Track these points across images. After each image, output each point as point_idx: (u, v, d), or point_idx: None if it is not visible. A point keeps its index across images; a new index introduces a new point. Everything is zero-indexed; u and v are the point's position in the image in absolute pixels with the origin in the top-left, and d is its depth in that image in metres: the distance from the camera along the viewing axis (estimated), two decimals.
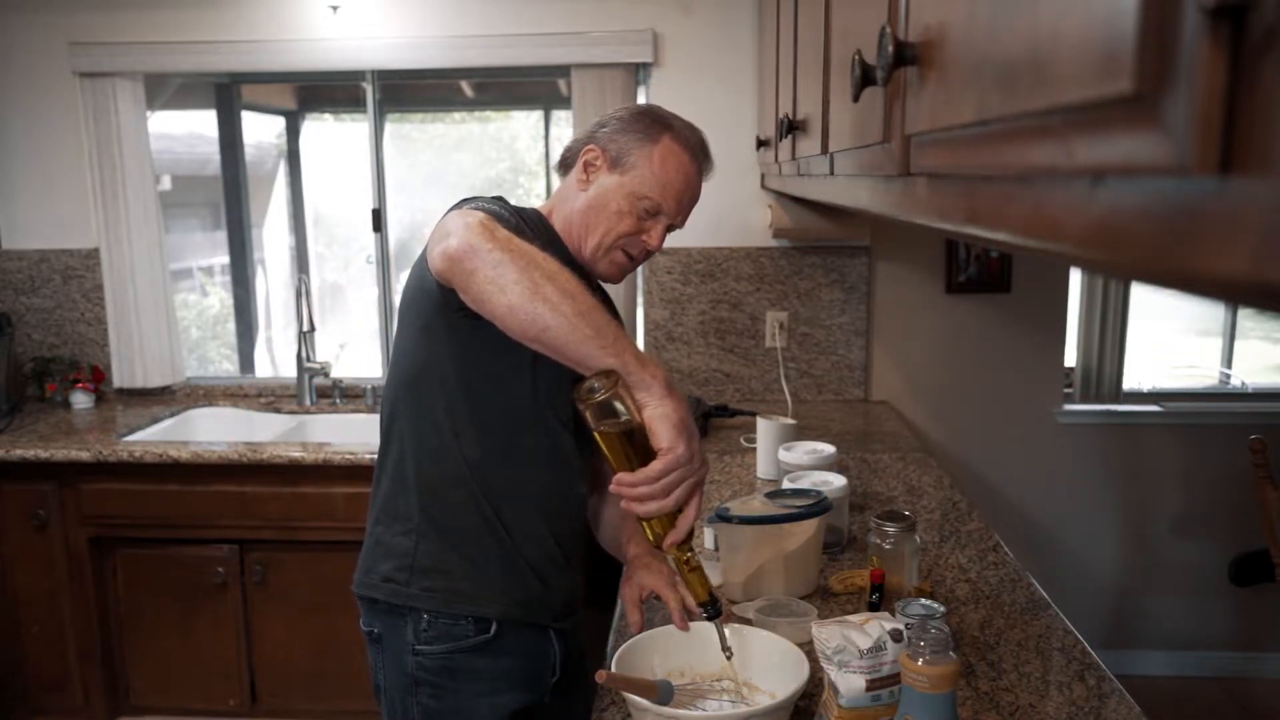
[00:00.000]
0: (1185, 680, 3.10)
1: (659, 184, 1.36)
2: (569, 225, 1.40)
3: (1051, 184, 0.50)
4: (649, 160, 1.36)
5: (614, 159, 1.37)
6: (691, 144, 1.40)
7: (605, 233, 1.37)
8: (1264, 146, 0.30)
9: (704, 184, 1.45)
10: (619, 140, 1.38)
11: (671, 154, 1.37)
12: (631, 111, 1.41)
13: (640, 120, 1.39)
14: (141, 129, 2.99)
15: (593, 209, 1.38)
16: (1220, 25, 0.32)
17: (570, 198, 1.41)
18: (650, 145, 1.37)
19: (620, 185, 1.37)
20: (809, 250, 2.95)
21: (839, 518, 1.76)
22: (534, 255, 1.11)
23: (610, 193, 1.37)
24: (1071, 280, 3.02)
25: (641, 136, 1.37)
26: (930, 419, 3.03)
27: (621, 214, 1.36)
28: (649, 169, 1.36)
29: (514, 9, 2.87)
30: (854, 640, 1.11)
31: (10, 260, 3.11)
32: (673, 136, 1.38)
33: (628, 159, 1.37)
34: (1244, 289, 0.32)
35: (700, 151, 1.42)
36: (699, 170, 1.42)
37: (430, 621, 1.34)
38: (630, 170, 1.37)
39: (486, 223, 1.14)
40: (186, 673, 2.73)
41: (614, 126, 1.39)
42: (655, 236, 1.39)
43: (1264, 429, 2.64)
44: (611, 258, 1.40)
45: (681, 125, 1.41)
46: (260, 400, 3.13)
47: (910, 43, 0.74)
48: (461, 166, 3.40)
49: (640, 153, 1.36)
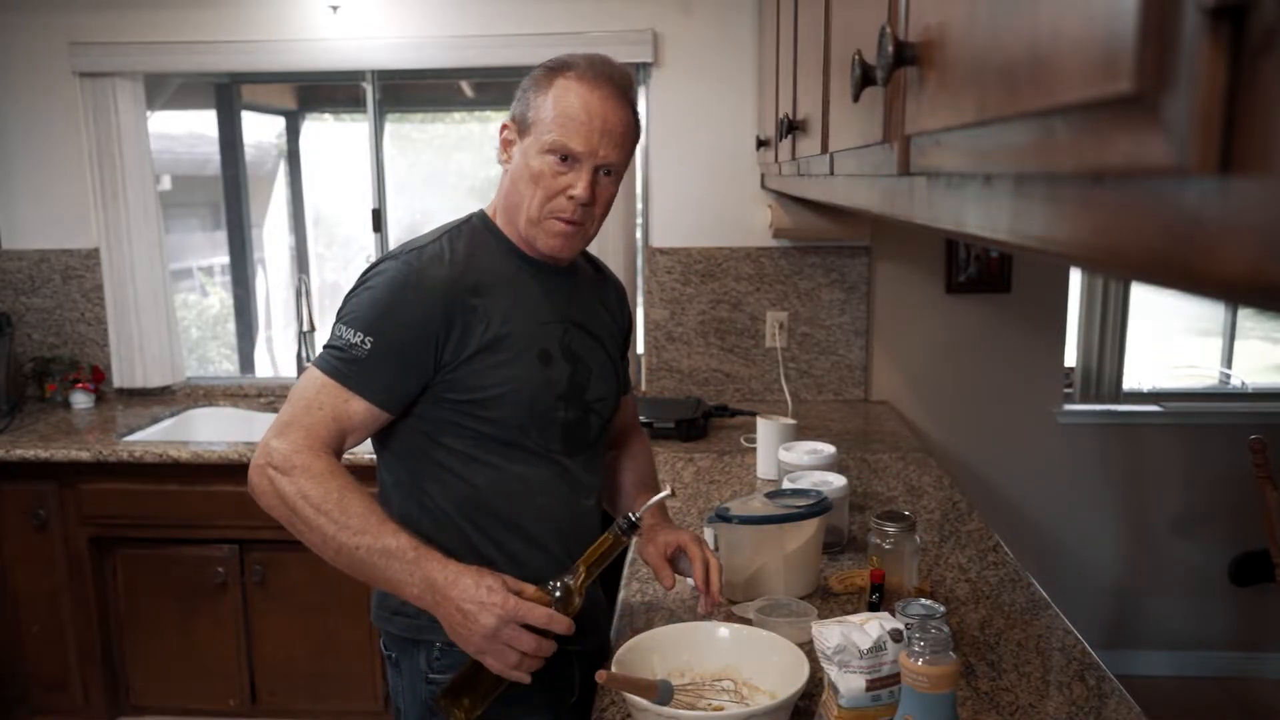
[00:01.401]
0: (1185, 680, 3.10)
1: (557, 124, 1.26)
2: (506, 214, 1.35)
3: (1051, 184, 0.50)
4: (543, 106, 1.27)
5: (520, 124, 1.30)
6: (590, 73, 1.28)
7: (529, 203, 1.29)
8: (1264, 146, 0.30)
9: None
10: (521, 103, 1.31)
11: (564, 90, 1.27)
12: (532, 73, 1.33)
13: (537, 74, 1.31)
14: (141, 129, 2.99)
15: (514, 184, 1.31)
16: (1220, 25, 0.32)
17: (502, 185, 1.36)
18: (544, 93, 1.28)
19: (528, 148, 1.28)
20: (809, 250, 2.95)
21: (839, 518, 1.76)
22: (302, 511, 1.19)
23: (522, 161, 1.29)
24: (1071, 280, 3.02)
25: (536, 89, 1.29)
26: (930, 419, 3.03)
27: (535, 176, 1.28)
28: (545, 115, 1.27)
29: (514, 9, 2.87)
30: (854, 640, 1.11)
31: (10, 260, 3.11)
32: (567, 74, 1.28)
33: (528, 116, 1.29)
34: (1244, 289, 0.32)
35: (603, 77, 1.28)
36: (607, 96, 1.27)
37: (443, 650, 1.32)
38: (530, 127, 1.28)
39: (265, 472, 1.21)
40: (186, 673, 2.73)
41: (518, 94, 1.33)
42: (580, 186, 1.27)
43: (1264, 429, 2.64)
44: (546, 228, 1.30)
45: (581, 59, 1.30)
46: (260, 400, 3.13)
47: (910, 43, 0.74)
48: (461, 166, 3.40)
49: (536, 104, 1.28)
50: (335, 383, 1.24)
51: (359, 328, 1.25)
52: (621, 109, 1.30)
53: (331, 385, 1.24)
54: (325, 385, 1.24)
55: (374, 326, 1.25)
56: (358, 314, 1.26)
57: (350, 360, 1.24)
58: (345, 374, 1.24)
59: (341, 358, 1.25)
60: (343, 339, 1.26)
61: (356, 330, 1.25)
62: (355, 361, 1.24)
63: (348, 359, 1.24)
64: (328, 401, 1.24)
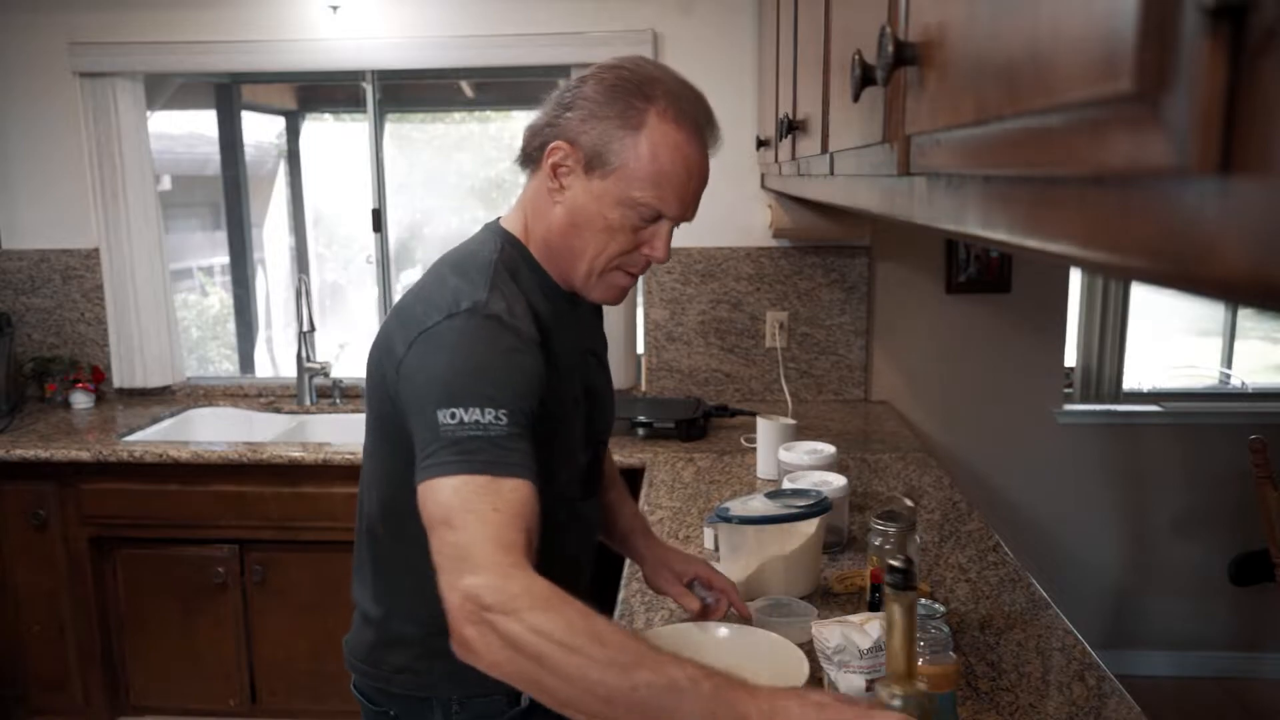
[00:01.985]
0: (1185, 680, 3.10)
1: (653, 182, 1.08)
2: (548, 250, 1.15)
3: (1051, 184, 0.50)
4: (635, 153, 1.07)
5: (589, 157, 1.09)
6: (687, 115, 1.10)
7: (595, 255, 1.12)
8: (1264, 146, 0.30)
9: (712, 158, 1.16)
10: (592, 130, 1.08)
11: (663, 138, 1.07)
12: (603, 85, 1.09)
13: (615, 97, 1.08)
14: (141, 129, 2.99)
15: (575, 227, 1.11)
16: (1220, 25, 0.32)
17: (544, 212, 1.14)
18: (634, 133, 1.07)
19: (604, 193, 1.09)
20: (809, 250, 2.95)
21: (839, 518, 1.76)
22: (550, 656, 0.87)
23: (593, 204, 1.10)
24: (1071, 280, 3.02)
25: (620, 122, 1.07)
26: (930, 419, 3.03)
27: (611, 230, 1.10)
28: (637, 165, 1.07)
29: (514, 9, 2.87)
30: (854, 640, 1.11)
31: (10, 260, 3.11)
32: (660, 113, 1.08)
33: (608, 156, 1.08)
34: (1244, 289, 0.32)
35: (700, 121, 1.12)
36: (702, 145, 1.12)
37: (462, 703, 1.20)
38: (613, 171, 1.08)
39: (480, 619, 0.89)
40: (186, 673, 2.73)
41: (583, 110, 1.09)
42: (659, 246, 1.13)
43: (1264, 429, 2.64)
44: (608, 281, 1.15)
45: (669, 91, 1.10)
46: (260, 400, 3.13)
47: (910, 42, 0.74)
48: (461, 166, 3.40)
49: (622, 145, 1.07)
50: (487, 476, 0.96)
51: (481, 403, 0.98)
52: (706, 154, 1.14)
53: (485, 482, 0.96)
54: (480, 485, 0.95)
55: (497, 396, 0.99)
56: (467, 387, 0.99)
57: (492, 442, 0.97)
58: (496, 461, 0.97)
59: (479, 443, 0.97)
60: (469, 421, 0.98)
61: (480, 407, 0.98)
62: (497, 442, 0.98)
63: (488, 441, 0.97)
64: (497, 502, 0.95)
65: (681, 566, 1.36)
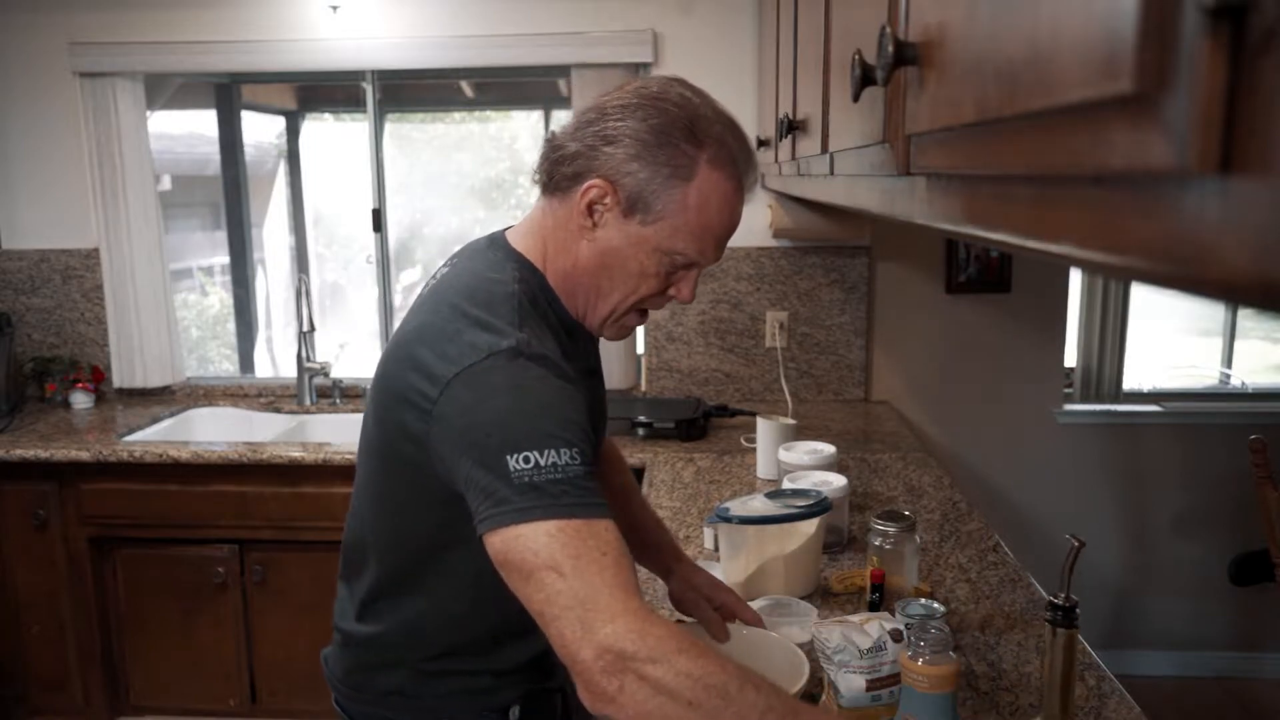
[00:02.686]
0: (1185, 680, 3.10)
1: (697, 234, 1.04)
2: (569, 284, 1.10)
3: (1051, 184, 0.50)
4: (683, 206, 1.02)
5: (631, 202, 1.03)
6: (733, 162, 1.04)
7: (623, 298, 1.08)
8: (1264, 146, 0.30)
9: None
10: (636, 175, 1.02)
11: (714, 190, 1.03)
12: (648, 124, 1.02)
13: (664, 141, 1.01)
14: (141, 129, 2.99)
15: (605, 269, 1.07)
16: (1220, 25, 0.32)
17: (569, 246, 1.08)
18: (683, 185, 1.02)
19: (642, 240, 1.04)
20: (809, 250, 2.95)
21: (839, 518, 1.76)
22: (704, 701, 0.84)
23: (628, 249, 1.05)
24: (1071, 280, 3.02)
25: (669, 172, 1.01)
26: (930, 419, 3.03)
27: (644, 275, 1.06)
28: (683, 217, 1.02)
29: (514, 9, 2.87)
30: (854, 640, 1.11)
31: (10, 260, 3.11)
32: (710, 161, 1.02)
33: (653, 204, 1.02)
34: (1244, 289, 0.32)
35: (744, 166, 1.06)
36: (743, 192, 1.07)
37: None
38: (656, 220, 1.03)
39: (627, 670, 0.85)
40: (186, 673, 2.73)
41: (627, 149, 1.02)
42: (686, 289, 1.09)
43: (1264, 429, 2.64)
44: (625, 322, 1.12)
45: (718, 136, 1.04)
46: (260, 400, 3.13)
47: (910, 42, 0.74)
48: (461, 166, 3.40)
49: (669, 196, 1.02)
50: (580, 520, 0.92)
51: (554, 444, 0.94)
52: (744, 199, 1.09)
53: (580, 525, 0.91)
54: (576, 529, 0.91)
55: (566, 436, 0.95)
56: (536, 429, 0.94)
57: (573, 483, 0.93)
58: (582, 503, 0.93)
59: (562, 486, 0.93)
60: (545, 465, 0.93)
61: (554, 449, 0.93)
62: (577, 483, 0.94)
63: (569, 483, 0.93)
64: (601, 545, 0.91)
65: (709, 591, 1.33)
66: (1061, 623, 1.01)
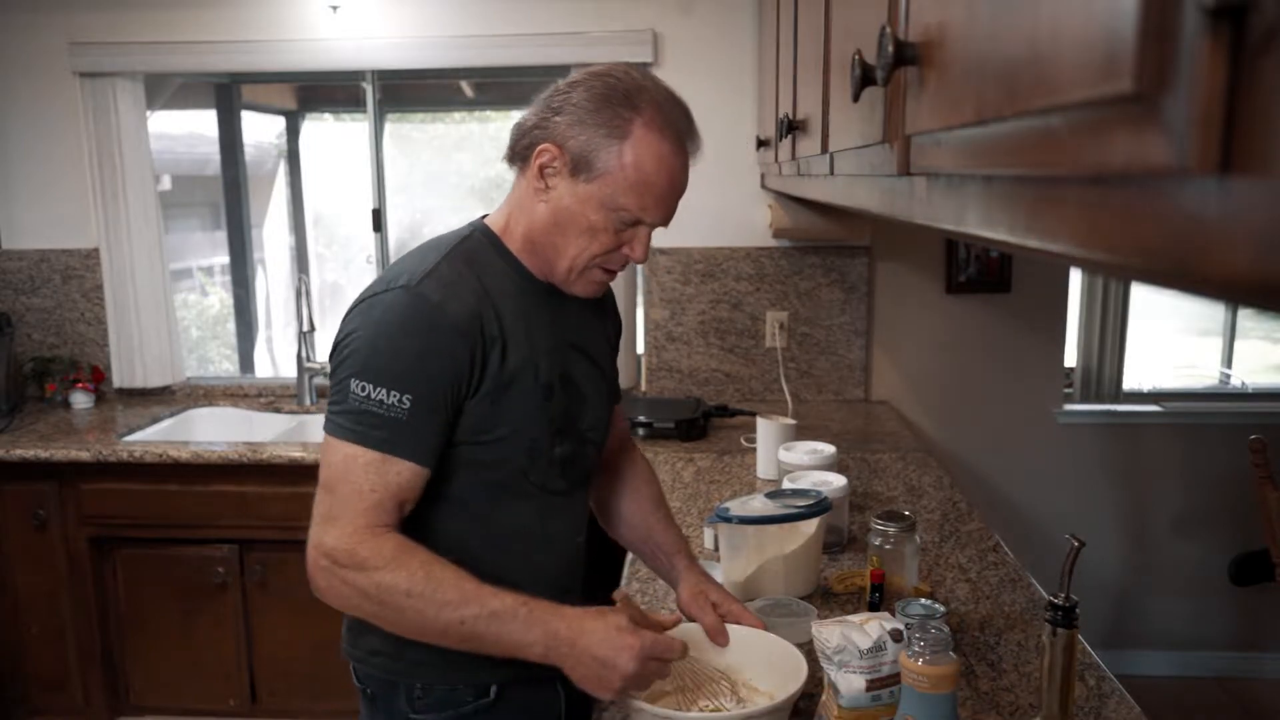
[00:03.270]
0: (1185, 680, 3.10)
1: (635, 190, 1.13)
2: (531, 245, 1.21)
3: (1051, 184, 0.50)
4: (620, 161, 1.12)
5: (575, 162, 1.14)
6: (670, 125, 1.15)
7: (577, 254, 1.18)
8: (1264, 146, 0.30)
9: (694, 166, 1.20)
10: (579, 136, 1.13)
11: (647, 147, 1.12)
12: (591, 93, 1.14)
13: (603, 105, 1.13)
14: (141, 129, 2.99)
15: (558, 226, 1.17)
16: (1220, 25, 0.32)
17: (529, 208, 1.20)
18: (619, 141, 1.12)
19: (588, 196, 1.14)
20: (809, 250, 2.95)
21: (839, 518, 1.76)
22: (392, 601, 1.07)
23: (577, 206, 1.15)
24: (1071, 280, 3.02)
25: (606, 132, 1.12)
26: (930, 419, 3.03)
27: (594, 231, 1.16)
28: (621, 174, 1.12)
29: (514, 9, 2.87)
30: (854, 640, 1.11)
31: (10, 260, 3.11)
32: (645, 123, 1.13)
33: (593, 162, 1.13)
34: (1244, 289, 0.32)
35: (682, 131, 1.17)
36: (684, 155, 1.17)
37: (425, 689, 1.26)
38: (598, 177, 1.13)
39: (333, 574, 1.09)
40: (186, 673, 2.73)
41: (571, 115, 1.13)
42: (639, 247, 1.19)
43: (1264, 429, 2.64)
44: (588, 277, 1.21)
45: (653, 101, 1.14)
46: (260, 400, 3.13)
47: (910, 42, 0.74)
48: (461, 166, 3.40)
49: (608, 152, 1.12)
50: (379, 454, 1.09)
51: (390, 384, 1.09)
52: (687, 164, 1.19)
53: (374, 458, 1.09)
54: (367, 460, 1.09)
55: (407, 381, 1.09)
56: (380, 366, 1.10)
57: (388, 424, 1.09)
58: (389, 441, 1.09)
59: (377, 423, 1.09)
60: (371, 399, 1.09)
61: (386, 387, 1.09)
62: (395, 424, 1.09)
63: (386, 422, 1.09)
64: (377, 480, 1.10)
65: (718, 598, 1.33)
66: (1061, 623, 1.01)
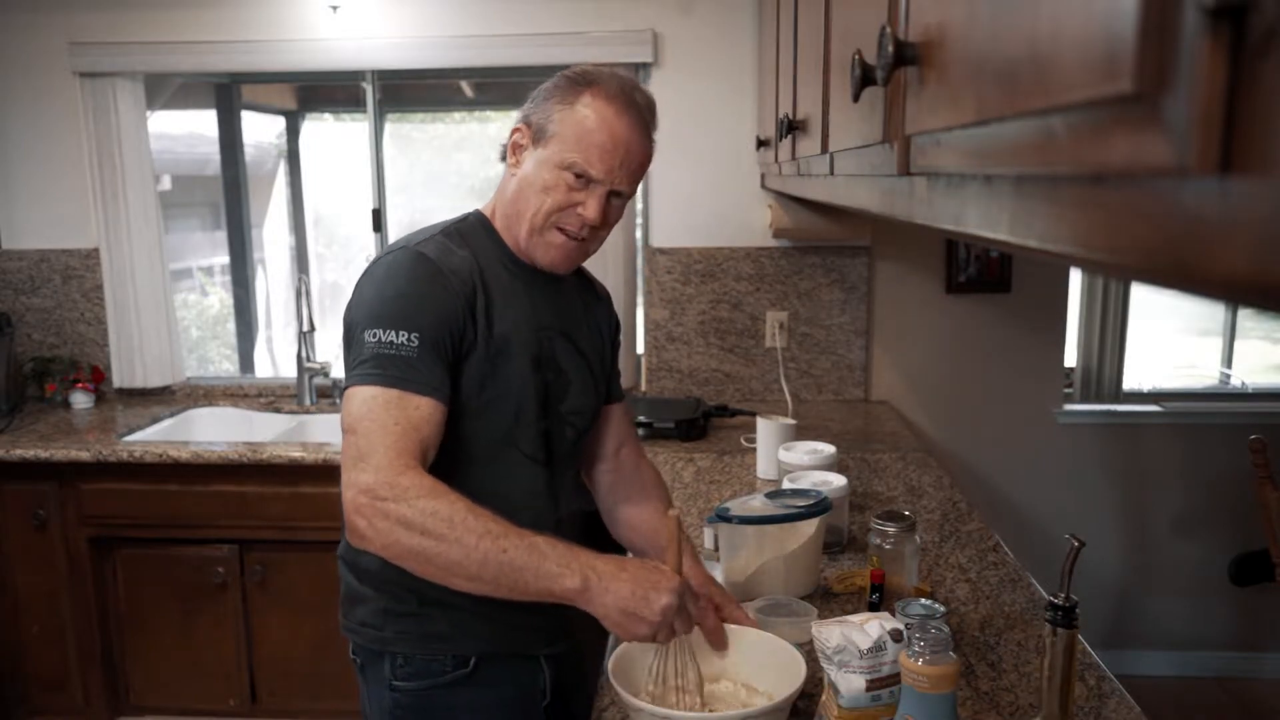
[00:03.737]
0: (1185, 680, 3.10)
1: (579, 144, 1.23)
2: (505, 218, 1.32)
3: (1051, 184, 0.50)
4: (567, 121, 1.24)
5: (537, 132, 1.27)
6: (619, 95, 1.25)
7: (535, 212, 1.27)
8: (1264, 146, 0.30)
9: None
10: (540, 111, 1.27)
11: (592, 109, 1.24)
12: (556, 80, 1.28)
13: (560, 84, 1.27)
14: (141, 129, 2.99)
15: (520, 192, 1.28)
16: (1220, 25, 0.32)
17: (504, 188, 1.33)
18: (569, 107, 1.24)
19: (545, 159, 1.25)
20: (809, 250, 2.95)
21: (839, 518, 1.76)
22: (436, 529, 1.08)
23: (535, 170, 1.26)
24: (1071, 280, 3.02)
25: (560, 100, 1.25)
26: (930, 419, 3.03)
27: (547, 189, 1.25)
28: (567, 130, 1.24)
29: (514, 9, 2.87)
30: (854, 640, 1.11)
31: (10, 260, 3.11)
32: (594, 92, 1.25)
33: (547, 127, 1.25)
34: (1244, 289, 0.32)
35: (631, 102, 1.26)
36: (632, 124, 1.26)
37: (406, 658, 1.32)
38: (550, 139, 1.25)
39: (374, 508, 1.10)
40: (186, 673, 2.73)
41: (538, 99, 1.29)
42: (592, 207, 1.25)
43: (1264, 429, 2.64)
44: (548, 239, 1.28)
45: (609, 78, 1.27)
46: (260, 400, 3.13)
47: (910, 43, 0.73)
48: (461, 166, 3.40)
49: (560, 117, 1.24)
50: (397, 391, 1.15)
51: (399, 325, 1.17)
52: (643, 139, 1.28)
53: (393, 395, 1.15)
54: (388, 398, 1.15)
55: (414, 321, 1.18)
56: (388, 312, 1.19)
57: (403, 361, 1.16)
58: (404, 378, 1.16)
59: (393, 361, 1.16)
60: (383, 342, 1.16)
61: (396, 329, 1.17)
62: (408, 362, 1.16)
63: (400, 360, 1.16)
64: (399, 415, 1.14)
65: (721, 601, 1.34)
66: (1061, 623, 1.01)
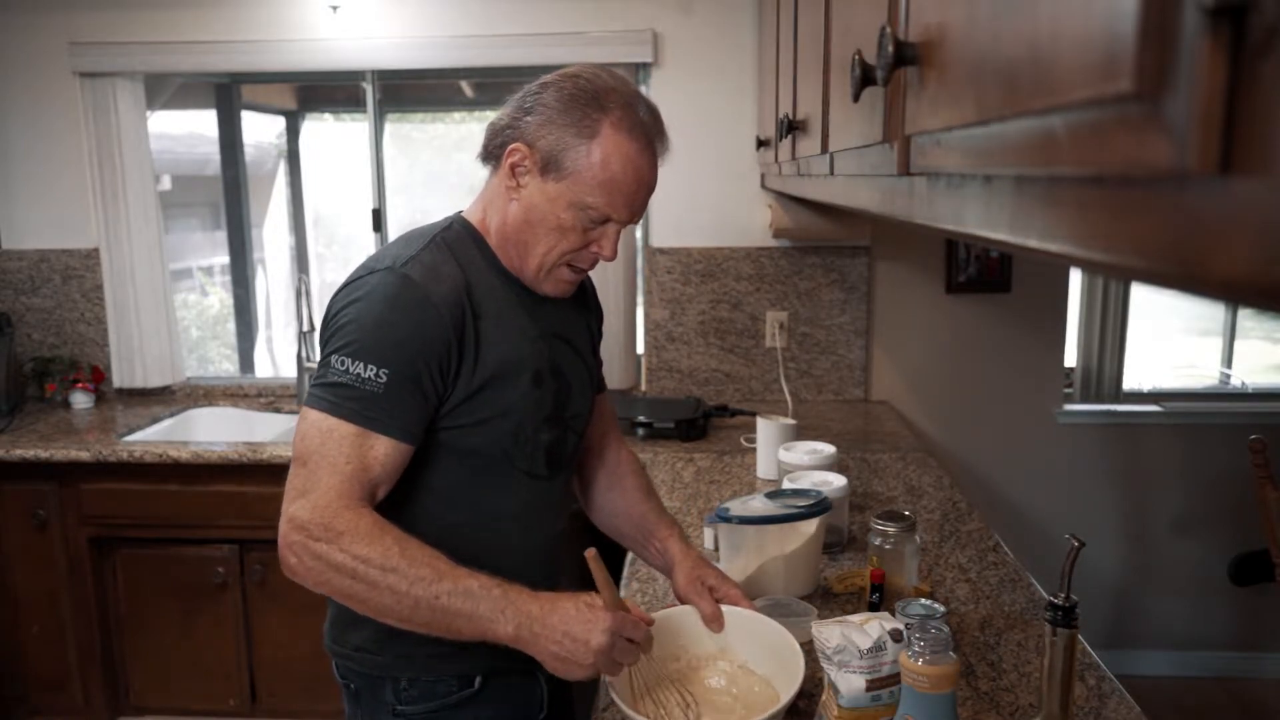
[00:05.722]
0: (1185, 680, 3.10)
1: (603, 189, 1.14)
2: (504, 241, 1.22)
3: (1051, 184, 0.50)
4: (588, 160, 1.13)
5: (545, 161, 1.15)
6: (637, 126, 1.16)
7: (546, 252, 1.19)
8: (1264, 146, 0.30)
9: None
10: (548, 136, 1.15)
11: (615, 148, 1.14)
12: (561, 94, 1.16)
13: (572, 107, 1.14)
14: (141, 129, 2.99)
15: (528, 224, 1.18)
16: (1220, 25, 0.32)
17: (501, 206, 1.21)
18: (587, 141, 1.13)
19: (557, 195, 1.15)
20: (809, 250, 2.95)
21: (839, 518, 1.76)
22: (366, 575, 1.04)
23: (546, 205, 1.16)
24: (1071, 280, 3.02)
25: (575, 131, 1.14)
26: (930, 419, 3.02)
27: (563, 229, 1.17)
28: (590, 173, 1.14)
29: (514, 9, 2.87)
30: (854, 640, 1.11)
31: (10, 260, 3.11)
32: (614, 124, 1.14)
33: (562, 161, 1.14)
34: (1244, 289, 0.32)
35: (650, 132, 1.17)
36: (651, 156, 1.18)
37: (411, 682, 1.28)
38: (567, 175, 1.14)
39: (305, 548, 1.07)
40: (186, 673, 2.73)
41: (540, 116, 1.16)
42: (608, 246, 1.20)
43: (1264, 429, 2.64)
44: (557, 276, 1.22)
45: (622, 102, 1.16)
46: (260, 400, 3.13)
47: (910, 42, 0.73)
48: (461, 166, 3.40)
49: (576, 152, 1.14)
50: (355, 427, 1.09)
51: (368, 358, 1.10)
52: (655, 164, 1.20)
53: (350, 431, 1.09)
54: (343, 433, 1.09)
55: (385, 355, 1.10)
56: (360, 341, 1.11)
57: (365, 398, 1.09)
58: (364, 415, 1.09)
59: (354, 396, 1.10)
60: (350, 373, 1.10)
61: (365, 362, 1.10)
62: (372, 399, 1.09)
63: (362, 396, 1.09)
64: (350, 452, 1.09)
65: (715, 582, 1.33)
66: (1061, 623, 1.01)
